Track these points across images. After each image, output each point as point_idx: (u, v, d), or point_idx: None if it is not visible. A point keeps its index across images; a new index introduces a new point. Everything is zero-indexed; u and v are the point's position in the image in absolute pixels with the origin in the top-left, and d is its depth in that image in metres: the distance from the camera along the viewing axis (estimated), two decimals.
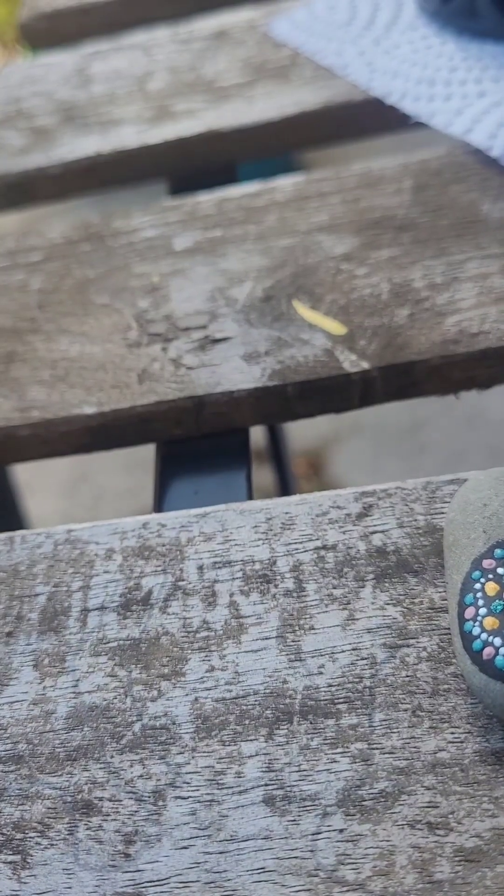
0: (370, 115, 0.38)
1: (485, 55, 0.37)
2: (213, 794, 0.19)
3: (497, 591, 0.19)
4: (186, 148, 0.39)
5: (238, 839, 0.19)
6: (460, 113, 0.35)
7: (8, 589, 0.24)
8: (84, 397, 0.29)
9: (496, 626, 0.19)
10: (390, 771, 0.19)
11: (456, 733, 0.19)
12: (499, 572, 0.20)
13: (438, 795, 0.19)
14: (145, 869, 0.18)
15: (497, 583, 0.19)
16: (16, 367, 0.30)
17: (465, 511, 0.21)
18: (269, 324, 0.30)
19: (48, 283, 0.33)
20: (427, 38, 0.39)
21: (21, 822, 0.19)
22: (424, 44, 0.39)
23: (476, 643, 0.19)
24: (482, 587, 0.19)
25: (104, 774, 0.20)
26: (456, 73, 0.37)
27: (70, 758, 0.20)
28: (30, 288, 0.33)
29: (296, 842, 0.18)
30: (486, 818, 0.18)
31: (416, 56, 0.39)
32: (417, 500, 0.24)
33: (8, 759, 0.20)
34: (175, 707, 0.21)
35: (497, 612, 0.19)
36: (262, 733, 0.20)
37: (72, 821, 0.19)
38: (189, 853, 0.19)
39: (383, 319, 0.29)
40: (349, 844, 0.18)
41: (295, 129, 0.38)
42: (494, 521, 0.20)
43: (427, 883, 0.18)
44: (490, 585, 0.19)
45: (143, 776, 0.20)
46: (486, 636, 0.19)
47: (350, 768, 0.19)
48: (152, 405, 0.28)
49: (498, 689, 0.18)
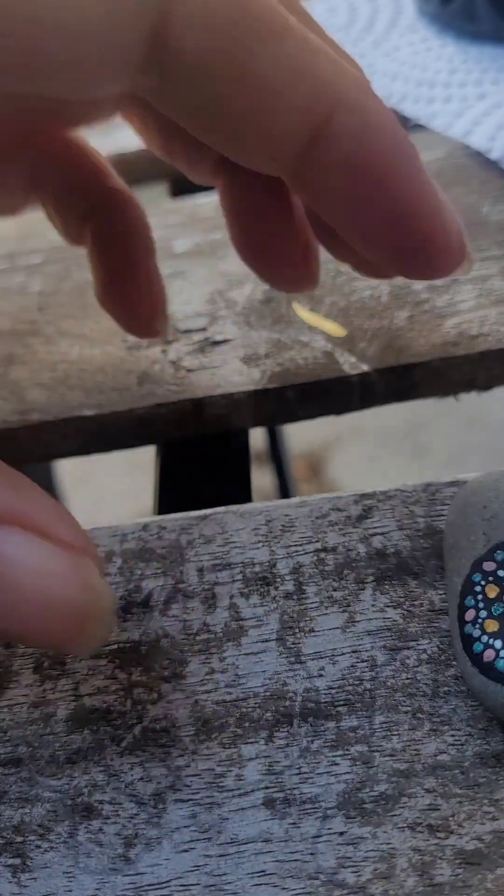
0: None
1: (484, 58, 0.37)
2: (214, 797, 0.19)
3: (497, 594, 0.19)
4: None
5: (238, 842, 0.19)
6: (460, 115, 0.35)
7: None
8: (84, 399, 0.29)
9: (497, 629, 0.19)
10: (391, 773, 0.19)
11: (456, 736, 0.19)
12: (499, 574, 0.20)
13: (439, 798, 0.19)
14: (146, 872, 0.18)
15: (497, 585, 0.19)
16: (15, 369, 0.30)
17: (465, 513, 0.21)
18: (269, 326, 0.30)
19: (48, 285, 0.33)
20: (427, 40, 0.39)
21: (21, 825, 0.19)
22: (424, 46, 0.39)
23: (476, 645, 0.19)
24: (482, 589, 0.19)
25: (104, 777, 0.20)
26: (455, 76, 0.37)
27: (70, 761, 0.20)
28: (29, 290, 0.33)
29: (296, 844, 0.18)
30: (487, 821, 0.18)
31: (415, 58, 0.39)
32: (417, 503, 0.24)
33: (8, 762, 0.20)
34: (175, 710, 0.21)
35: (497, 614, 0.19)
36: (262, 736, 0.20)
37: (72, 824, 0.19)
38: (189, 856, 0.19)
39: (383, 322, 0.29)
40: (349, 847, 0.18)
41: None
42: (494, 522, 0.20)
43: (427, 886, 0.17)
44: (490, 588, 0.19)
45: (143, 779, 0.20)
46: (486, 638, 0.19)
47: (350, 771, 0.19)
48: (152, 407, 0.28)
49: (499, 692, 0.18)
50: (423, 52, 0.39)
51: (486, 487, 0.21)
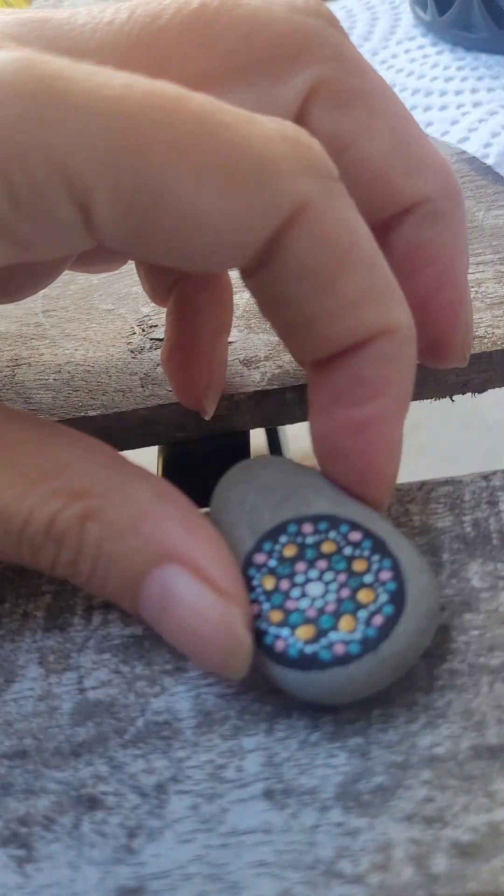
0: None
1: (479, 65, 0.38)
2: (215, 788, 0.20)
3: (275, 584, 0.20)
4: None
5: (239, 832, 0.19)
6: (455, 122, 0.36)
7: (14, 587, 0.25)
8: (88, 401, 0.29)
9: (281, 618, 0.19)
10: (387, 765, 0.19)
11: (451, 728, 0.20)
12: (270, 565, 0.20)
13: (434, 790, 0.19)
14: (148, 862, 0.19)
15: (273, 574, 0.20)
16: (21, 371, 0.31)
17: (226, 510, 0.21)
18: (268, 329, 0.30)
19: (53, 289, 0.34)
20: (423, 48, 0.40)
21: (26, 816, 0.20)
22: (421, 54, 0.40)
23: (266, 638, 0.19)
24: (260, 583, 0.20)
25: (108, 769, 0.20)
26: (451, 83, 0.38)
27: (75, 753, 0.21)
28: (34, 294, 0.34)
29: (295, 835, 0.19)
30: (482, 812, 0.19)
31: (412, 66, 0.39)
32: (413, 501, 0.24)
33: (14, 755, 0.21)
34: (177, 702, 0.21)
35: (278, 604, 0.20)
36: (262, 728, 0.20)
37: (76, 815, 0.20)
38: (191, 846, 0.19)
39: None
40: (347, 838, 0.19)
41: None
42: (254, 515, 0.21)
43: (423, 876, 0.18)
44: (267, 579, 0.20)
45: (146, 770, 0.20)
46: (273, 629, 0.19)
47: (348, 762, 0.20)
48: (155, 409, 0.29)
49: (297, 677, 0.19)
50: (419, 61, 0.39)
51: (238, 480, 0.21)
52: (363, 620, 0.19)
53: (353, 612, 0.19)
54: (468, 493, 0.24)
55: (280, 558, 0.20)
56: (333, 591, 0.19)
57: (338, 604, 0.19)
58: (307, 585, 0.20)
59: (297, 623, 0.19)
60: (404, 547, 0.20)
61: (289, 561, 0.20)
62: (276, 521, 0.20)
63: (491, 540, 0.23)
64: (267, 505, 0.21)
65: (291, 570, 0.20)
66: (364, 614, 0.19)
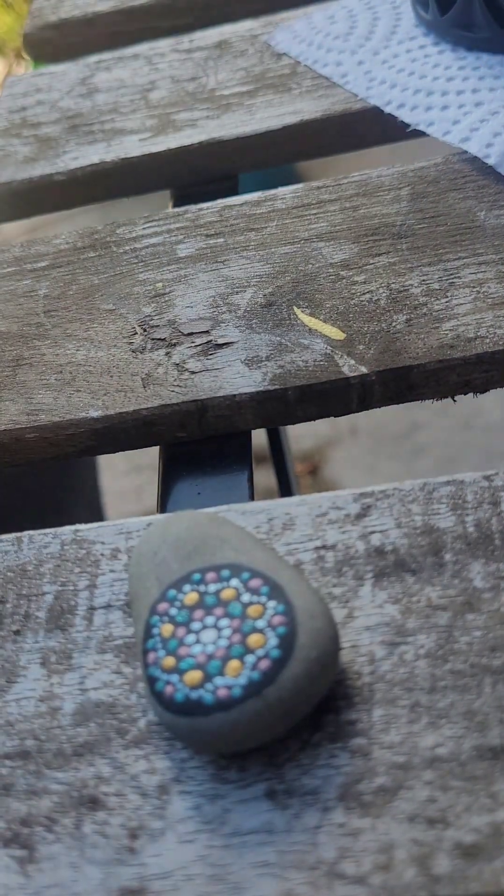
0: (369, 124, 0.38)
1: (481, 65, 0.38)
2: (217, 789, 0.20)
3: (171, 631, 0.20)
4: (189, 157, 0.39)
5: (241, 833, 0.19)
6: (457, 122, 0.35)
7: (16, 588, 0.25)
8: (90, 401, 0.29)
9: (173, 664, 0.20)
10: (389, 766, 0.19)
11: (454, 729, 0.20)
12: (171, 613, 0.20)
13: (437, 790, 0.19)
14: (150, 863, 0.19)
15: (171, 622, 0.20)
16: (23, 371, 0.31)
17: (140, 563, 0.22)
18: (270, 329, 0.30)
19: (54, 289, 0.34)
20: (425, 47, 0.40)
21: (28, 816, 0.20)
22: (422, 53, 0.40)
23: (158, 684, 0.20)
24: (159, 630, 0.20)
25: (110, 770, 0.20)
26: (453, 83, 0.38)
27: (76, 753, 0.21)
28: (36, 294, 0.34)
29: (297, 835, 0.19)
30: (484, 813, 0.18)
31: (413, 66, 0.39)
32: (415, 501, 0.24)
33: (16, 755, 0.21)
34: None
35: (173, 650, 0.20)
36: None
37: (78, 815, 0.20)
38: (193, 847, 0.19)
39: (381, 325, 0.29)
40: (349, 838, 0.19)
41: (295, 138, 0.39)
42: (164, 567, 0.21)
43: (426, 877, 0.18)
44: (166, 627, 0.20)
45: (147, 771, 0.20)
46: (165, 676, 0.20)
47: (350, 763, 0.20)
48: (156, 409, 0.29)
49: (182, 723, 0.19)
50: (421, 60, 0.39)
51: (154, 535, 0.22)
52: (250, 665, 0.19)
53: (241, 656, 0.19)
54: (470, 494, 0.24)
55: (181, 606, 0.20)
56: (226, 637, 0.20)
57: (227, 649, 0.19)
58: (202, 632, 0.20)
59: (186, 669, 0.19)
60: (303, 593, 0.20)
61: (188, 608, 0.20)
62: (182, 571, 0.21)
63: (493, 540, 0.23)
64: (176, 557, 0.21)
65: (189, 617, 0.20)
66: (252, 659, 0.19)
